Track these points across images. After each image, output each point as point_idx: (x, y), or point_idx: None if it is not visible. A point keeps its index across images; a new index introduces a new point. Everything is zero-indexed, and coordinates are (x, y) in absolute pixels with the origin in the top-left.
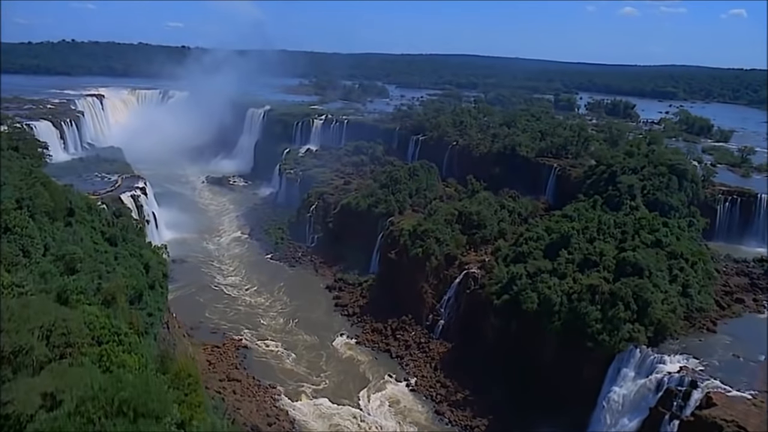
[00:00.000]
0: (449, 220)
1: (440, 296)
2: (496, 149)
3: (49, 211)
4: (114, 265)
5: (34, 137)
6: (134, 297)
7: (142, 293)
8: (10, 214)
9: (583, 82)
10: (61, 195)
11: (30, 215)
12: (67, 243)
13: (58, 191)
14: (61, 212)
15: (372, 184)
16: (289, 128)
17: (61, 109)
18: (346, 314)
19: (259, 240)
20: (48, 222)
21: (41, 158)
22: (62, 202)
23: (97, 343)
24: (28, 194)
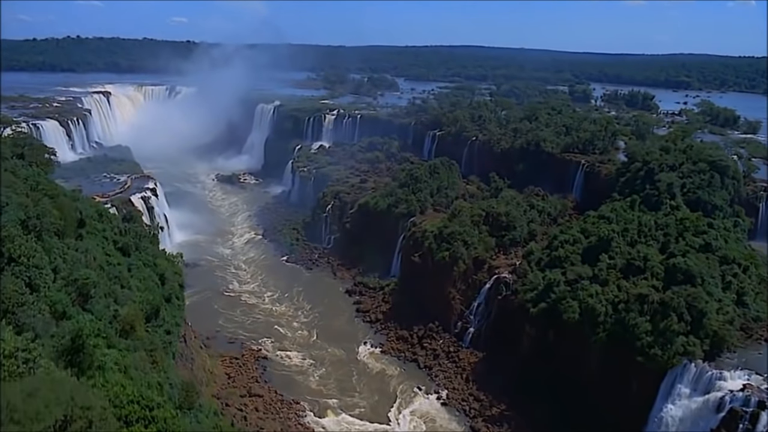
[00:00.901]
0: (476, 222)
1: (469, 302)
2: (518, 145)
3: (59, 229)
4: (128, 278)
5: (41, 143)
6: (151, 313)
7: (158, 309)
8: (15, 241)
9: (594, 72)
10: (71, 208)
11: (37, 236)
12: (78, 263)
13: (67, 204)
14: (71, 227)
15: (391, 182)
16: (300, 124)
17: (68, 107)
18: (368, 321)
19: (274, 241)
20: (57, 241)
21: (49, 165)
22: (72, 215)
23: (125, 424)
24: (34, 212)
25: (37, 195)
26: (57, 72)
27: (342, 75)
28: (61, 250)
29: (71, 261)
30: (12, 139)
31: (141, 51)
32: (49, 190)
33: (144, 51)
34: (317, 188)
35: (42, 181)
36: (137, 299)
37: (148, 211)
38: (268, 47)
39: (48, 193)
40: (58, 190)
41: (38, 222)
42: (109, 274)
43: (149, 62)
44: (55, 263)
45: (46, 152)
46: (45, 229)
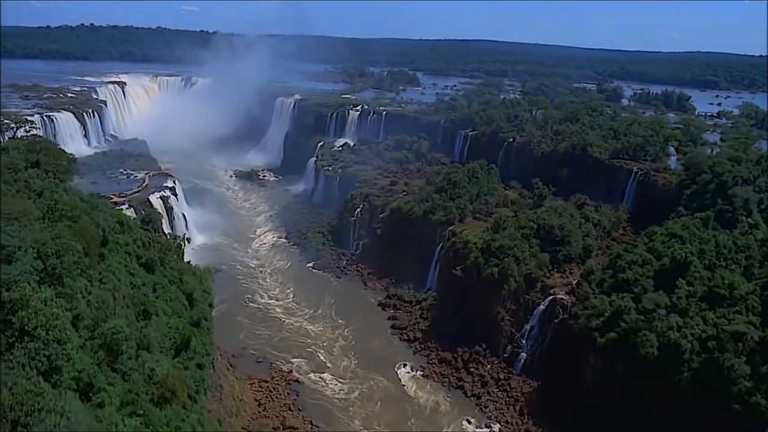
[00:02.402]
0: (527, 235)
1: (520, 324)
2: (562, 148)
3: (82, 265)
4: (154, 302)
5: (59, 147)
6: (181, 344)
7: (189, 339)
8: (29, 306)
9: (615, 69)
10: (93, 232)
11: (57, 281)
12: (105, 306)
13: (89, 228)
14: (94, 252)
15: (425, 186)
16: (323, 120)
17: (83, 98)
18: (406, 339)
19: (298, 245)
20: (80, 281)
21: (67, 172)
22: (95, 239)
23: None
24: (53, 249)
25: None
26: (71, 60)
27: (361, 68)
28: (84, 289)
29: (96, 303)
30: (26, 144)
31: (155, 40)
32: (69, 209)
33: (158, 40)
34: (343, 189)
35: (60, 198)
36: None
37: (167, 211)
38: (284, 38)
39: (68, 213)
40: (78, 207)
41: (58, 262)
42: (135, 300)
43: (163, 51)
44: (78, 309)
45: (64, 158)
46: (66, 269)
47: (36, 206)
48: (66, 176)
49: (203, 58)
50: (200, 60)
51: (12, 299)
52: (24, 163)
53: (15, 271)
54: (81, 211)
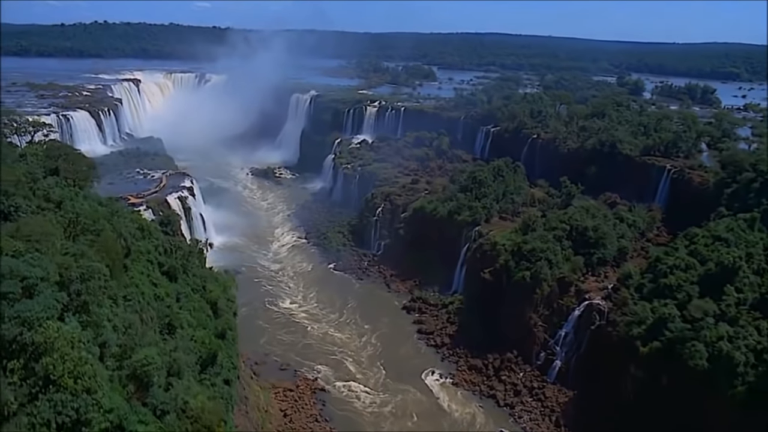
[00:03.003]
0: (559, 237)
1: (553, 330)
2: (590, 145)
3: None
4: (178, 314)
5: (79, 152)
6: (207, 359)
7: (216, 354)
8: (54, 350)
9: (633, 62)
10: (117, 246)
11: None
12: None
13: (113, 244)
14: (118, 268)
15: (449, 185)
16: (339, 116)
17: (98, 96)
18: (433, 344)
19: (318, 245)
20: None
21: (88, 178)
22: (119, 254)
23: None
24: (77, 274)
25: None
26: (85, 58)
27: (376, 63)
28: (110, 313)
29: (123, 326)
30: (45, 150)
31: (168, 36)
32: (91, 222)
33: (170, 36)
34: (363, 187)
35: (82, 208)
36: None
37: (185, 212)
38: (297, 33)
39: (90, 227)
40: (100, 219)
41: (83, 287)
42: (159, 313)
43: (177, 48)
44: (104, 337)
45: (84, 163)
46: (92, 295)
47: (56, 220)
48: (86, 183)
49: (216, 55)
50: (213, 56)
51: (35, 342)
52: (42, 170)
53: (37, 307)
54: (103, 223)
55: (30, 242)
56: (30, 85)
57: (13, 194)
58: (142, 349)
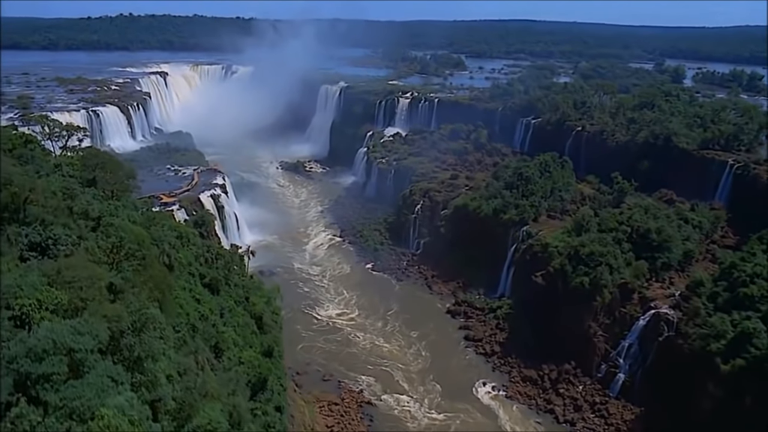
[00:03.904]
0: (618, 239)
1: (615, 341)
2: (641, 138)
3: (165, 339)
4: (224, 334)
5: (117, 160)
6: (257, 385)
7: (266, 379)
8: None
9: (666, 47)
10: (165, 275)
11: (135, 363)
12: (188, 376)
13: (161, 271)
14: (168, 297)
15: (494, 182)
16: (371, 108)
17: (127, 90)
18: (482, 353)
19: (354, 244)
20: (161, 356)
21: (127, 189)
22: (168, 280)
23: None
24: (129, 323)
25: (120, 260)
26: (111, 50)
27: (404, 52)
28: (164, 364)
29: (177, 373)
30: (81, 158)
31: (192, 28)
32: (136, 245)
33: (195, 28)
34: (398, 182)
35: (124, 229)
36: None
37: (218, 211)
38: (322, 23)
39: (134, 251)
40: (145, 240)
41: (136, 340)
42: (205, 334)
43: (202, 39)
44: (158, 392)
45: (124, 172)
46: (145, 350)
47: (98, 246)
48: (125, 194)
49: (242, 46)
50: (239, 47)
51: None
52: (79, 182)
53: (89, 391)
54: (148, 244)
55: (73, 288)
56: (59, 80)
57: (51, 223)
58: (203, 406)
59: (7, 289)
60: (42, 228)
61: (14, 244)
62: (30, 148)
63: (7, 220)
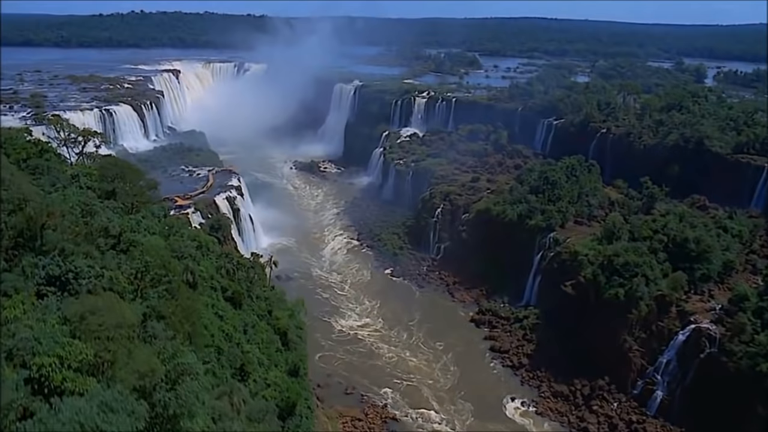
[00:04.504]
0: (654, 248)
1: (653, 356)
2: (671, 141)
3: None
4: (249, 353)
5: (137, 169)
6: (286, 410)
7: (294, 404)
8: None
9: (682, 46)
10: (195, 303)
11: (173, 426)
12: (223, 421)
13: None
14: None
15: (518, 186)
16: (386, 107)
17: (140, 88)
18: (509, 365)
19: (372, 248)
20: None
21: (149, 201)
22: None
23: None
24: (164, 373)
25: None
26: (123, 48)
27: (418, 51)
28: (202, 422)
29: (212, 418)
30: (99, 168)
31: (203, 25)
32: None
33: (206, 25)
34: (416, 184)
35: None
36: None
37: (233, 213)
38: (334, 21)
39: (161, 276)
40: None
41: (170, 396)
42: (230, 356)
43: (213, 37)
44: None
45: (145, 183)
46: (182, 406)
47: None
48: (146, 204)
49: (254, 43)
50: (251, 45)
51: None
52: (98, 194)
53: None
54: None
55: (99, 339)
56: (72, 78)
57: (71, 253)
58: None
59: (23, 344)
60: (61, 258)
61: (30, 278)
62: (45, 158)
63: (22, 247)
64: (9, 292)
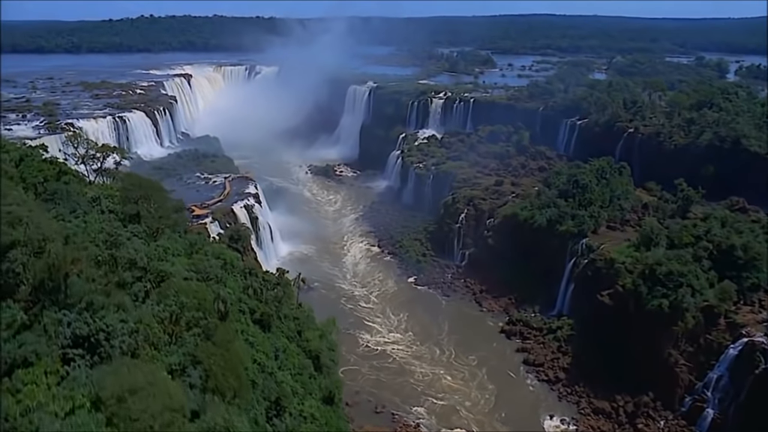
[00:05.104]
0: (698, 256)
1: (701, 371)
2: (704, 141)
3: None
4: (282, 381)
5: (162, 188)
6: None
7: None
8: None
9: (698, 40)
10: (241, 355)
11: None
12: None
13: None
14: (245, 383)
15: (546, 190)
16: (402, 109)
17: (152, 94)
18: (545, 379)
19: (394, 254)
20: None
21: (176, 224)
22: (243, 360)
23: None
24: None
25: (182, 329)
26: (134, 52)
27: (430, 50)
28: None
29: None
30: (121, 188)
31: (212, 28)
32: (200, 314)
33: (215, 28)
34: (437, 188)
35: (183, 293)
36: None
37: (251, 222)
38: (343, 21)
39: (198, 320)
40: (206, 299)
41: None
42: (264, 389)
43: (223, 40)
44: None
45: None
46: None
47: (153, 314)
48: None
49: (264, 45)
50: (261, 47)
51: None
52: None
53: None
54: (209, 306)
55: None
56: (84, 85)
57: (101, 307)
58: None
59: None
60: (90, 314)
61: (54, 338)
62: (64, 180)
63: (43, 299)
64: (30, 358)
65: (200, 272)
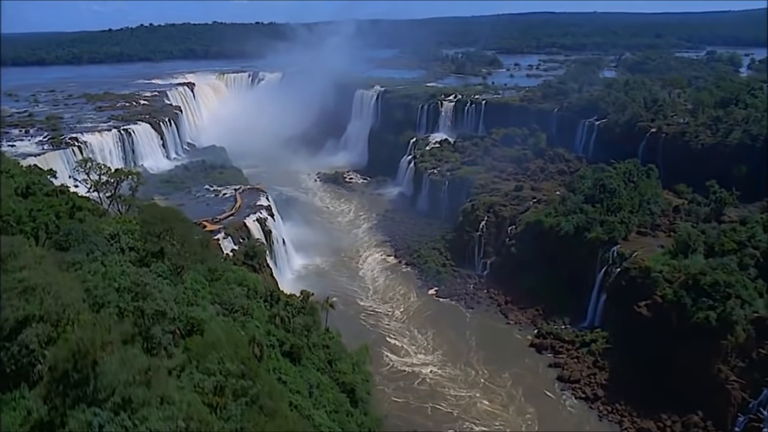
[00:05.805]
0: (744, 264)
1: (755, 388)
2: (734, 140)
3: None
4: (321, 423)
5: (186, 219)
6: None
7: None
8: None
9: (705, 34)
10: (279, 412)
11: None
12: None
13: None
14: None
15: (572, 196)
16: (412, 113)
17: (156, 104)
18: (582, 397)
19: (413, 265)
20: None
21: (203, 260)
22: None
23: None
24: None
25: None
26: (134, 62)
27: (435, 52)
28: None
29: None
30: (141, 221)
31: (212, 36)
32: (247, 381)
33: (215, 35)
34: (453, 195)
35: (225, 360)
36: None
37: (265, 236)
38: (346, 24)
39: (246, 390)
40: (249, 359)
41: None
42: None
43: (224, 47)
44: None
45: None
46: None
47: (195, 387)
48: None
49: (265, 51)
50: (263, 53)
51: None
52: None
53: None
54: (253, 366)
55: None
56: (87, 97)
57: (142, 404)
58: None
59: None
60: (127, 413)
61: None
62: (78, 218)
63: (69, 398)
64: None
65: (225, 304)
